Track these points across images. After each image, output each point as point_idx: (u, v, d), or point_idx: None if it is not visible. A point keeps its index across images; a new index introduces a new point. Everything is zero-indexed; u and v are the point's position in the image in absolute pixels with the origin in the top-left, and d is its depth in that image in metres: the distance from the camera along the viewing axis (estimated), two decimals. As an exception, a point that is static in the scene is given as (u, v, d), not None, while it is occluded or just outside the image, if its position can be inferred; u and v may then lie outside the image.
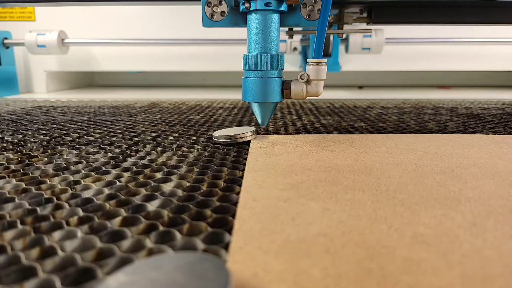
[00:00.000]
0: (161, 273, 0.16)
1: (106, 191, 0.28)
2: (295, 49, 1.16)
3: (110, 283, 0.15)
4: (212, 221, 0.23)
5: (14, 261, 0.19)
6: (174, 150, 0.41)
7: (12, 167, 0.35)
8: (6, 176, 0.32)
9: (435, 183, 0.29)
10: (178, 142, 0.45)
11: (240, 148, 0.42)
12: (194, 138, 0.47)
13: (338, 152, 0.38)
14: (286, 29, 0.74)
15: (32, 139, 0.46)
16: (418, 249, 0.19)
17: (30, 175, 0.32)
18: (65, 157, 0.38)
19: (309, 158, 0.36)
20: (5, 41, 1.09)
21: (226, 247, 0.20)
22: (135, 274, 0.16)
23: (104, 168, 0.34)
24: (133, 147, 0.42)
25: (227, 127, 0.54)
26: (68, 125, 0.57)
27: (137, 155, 0.39)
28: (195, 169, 0.34)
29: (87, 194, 0.28)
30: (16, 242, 0.20)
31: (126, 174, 0.32)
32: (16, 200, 0.26)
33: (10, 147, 0.42)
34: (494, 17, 0.60)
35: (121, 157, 0.38)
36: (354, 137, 0.46)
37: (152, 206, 0.25)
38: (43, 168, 0.34)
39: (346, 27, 0.63)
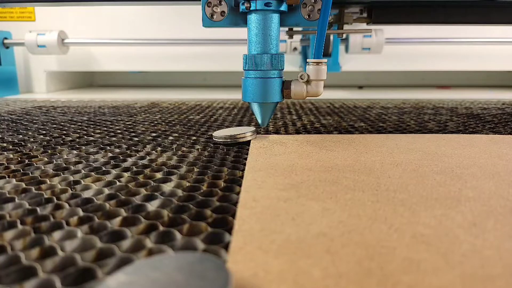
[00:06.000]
0: (161, 273, 0.16)
1: (106, 191, 0.28)
2: (295, 49, 1.16)
3: (110, 283, 0.15)
4: (212, 221, 0.23)
5: (14, 261, 0.19)
6: (174, 150, 0.41)
7: (12, 167, 0.35)
8: (6, 176, 0.32)
9: (435, 183, 0.29)
10: (178, 142, 0.45)
11: (240, 148, 0.42)
12: (194, 138, 0.47)
13: (338, 152, 0.38)
14: (286, 29, 0.74)
15: (32, 139, 0.46)
16: (418, 249, 0.19)
17: (30, 175, 0.32)
18: (65, 157, 0.38)
19: (309, 158, 0.36)
20: (5, 41, 1.09)
21: (226, 247, 0.20)
22: (135, 274, 0.16)
23: (104, 168, 0.34)
24: (133, 147, 0.42)
25: (227, 127, 0.54)
26: (68, 125, 0.57)
27: (137, 155, 0.39)
28: (195, 169, 0.34)
29: (87, 194, 0.28)
30: (16, 242, 0.20)
31: (126, 174, 0.32)
32: (16, 200, 0.26)
33: (10, 147, 0.42)
34: (494, 17, 0.60)
35: (121, 157, 0.38)
36: (354, 137, 0.46)
37: (152, 206, 0.25)
38: (43, 168, 0.34)
39: (346, 27, 0.63)
